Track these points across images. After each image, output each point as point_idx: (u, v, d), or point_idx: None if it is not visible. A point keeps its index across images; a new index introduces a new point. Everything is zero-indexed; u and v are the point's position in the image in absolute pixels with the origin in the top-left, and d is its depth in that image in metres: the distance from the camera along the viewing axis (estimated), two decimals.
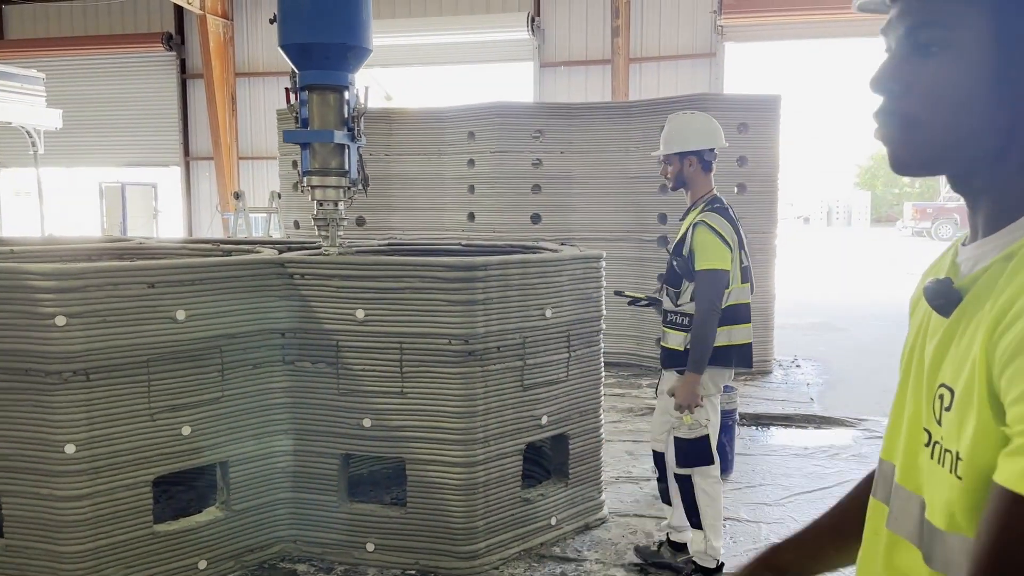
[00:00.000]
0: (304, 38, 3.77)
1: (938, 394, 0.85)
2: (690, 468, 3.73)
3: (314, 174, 3.97)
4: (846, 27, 14.40)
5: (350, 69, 3.91)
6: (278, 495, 3.94)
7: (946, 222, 33.71)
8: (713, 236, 3.58)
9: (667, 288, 3.81)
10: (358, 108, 3.98)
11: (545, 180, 8.80)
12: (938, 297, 0.89)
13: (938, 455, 0.84)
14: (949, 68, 0.84)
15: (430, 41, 15.71)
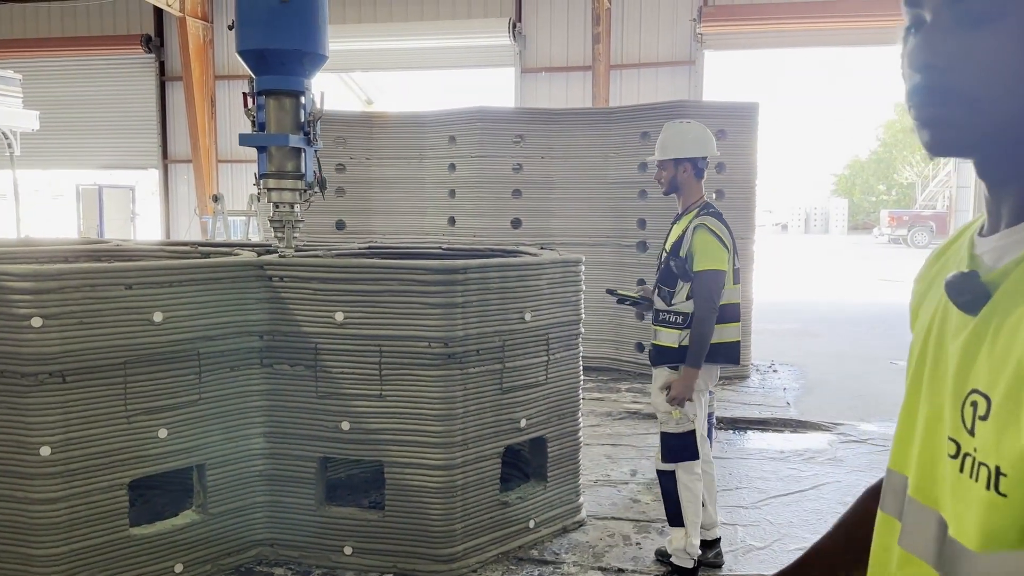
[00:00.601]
0: (260, 44, 3.85)
1: (969, 400, 0.77)
2: (675, 463, 3.81)
3: (270, 177, 4.04)
4: (824, 36, 14.59)
5: (306, 75, 3.99)
6: (255, 498, 3.93)
7: (922, 229, 34.15)
8: (713, 238, 3.73)
9: (660, 288, 3.90)
10: (314, 112, 4.05)
11: (526, 185, 8.83)
12: (963, 293, 0.81)
13: (970, 468, 0.75)
14: (1004, 39, 0.75)
15: (411, 45, 15.72)
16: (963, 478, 0.76)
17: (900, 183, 49.39)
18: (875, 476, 4.58)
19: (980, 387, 0.75)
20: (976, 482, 0.74)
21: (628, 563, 4.05)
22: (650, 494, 5.01)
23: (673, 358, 3.78)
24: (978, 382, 0.76)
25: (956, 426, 0.79)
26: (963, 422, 0.77)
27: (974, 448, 0.75)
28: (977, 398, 0.75)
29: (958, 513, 0.77)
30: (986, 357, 0.76)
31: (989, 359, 0.75)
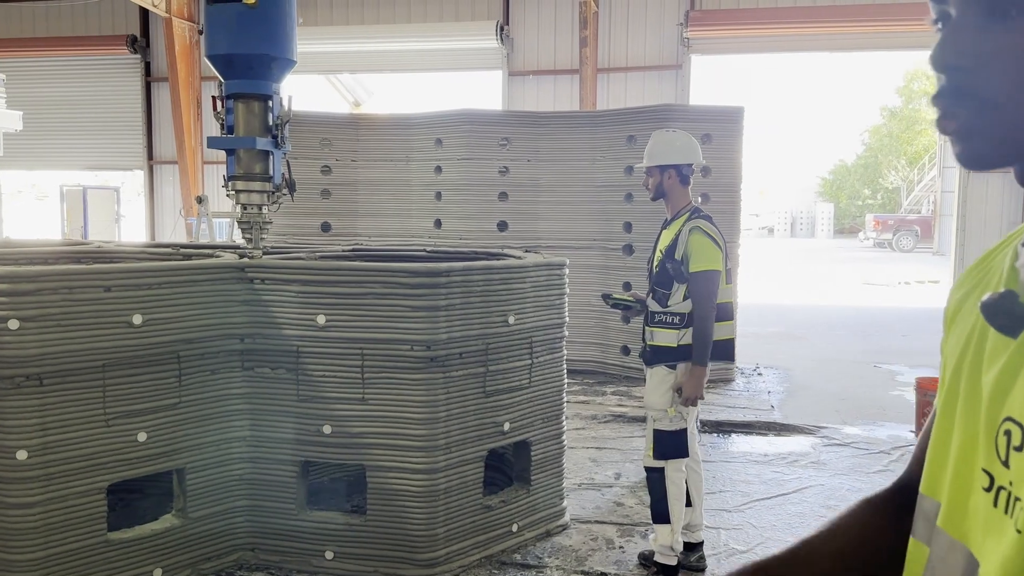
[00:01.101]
0: (228, 49, 3.91)
1: (1003, 429, 0.71)
2: (666, 460, 3.88)
3: (239, 179, 4.10)
4: (809, 41, 14.65)
5: (274, 79, 4.05)
6: (236, 503, 3.90)
7: (907, 234, 34.37)
8: (708, 240, 3.86)
9: (656, 290, 3.98)
10: (282, 115, 4.10)
11: (512, 188, 8.83)
12: (999, 314, 0.74)
13: (1005, 503, 0.69)
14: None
15: (399, 47, 15.68)
16: (997, 513, 0.70)
17: (885, 187, 49.72)
18: (857, 479, 4.59)
19: (1016, 416, 0.69)
20: (1011, 518, 0.68)
21: (611, 567, 4.05)
22: (634, 497, 5.01)
23: (672, 357, 3.88)
24: (1013, 410, 0.70)
25: (990, 456, 0.73)
26: (997, 452, 0.71)
27: (1009, 482, 0.69)
28: (1012, 427, 0.69)
29: (988, 551, 0.71)
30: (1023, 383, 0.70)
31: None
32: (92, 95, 17.57)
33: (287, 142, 4.18)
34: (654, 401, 3.91)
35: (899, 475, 1.10)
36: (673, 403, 3.85)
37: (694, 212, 4.00)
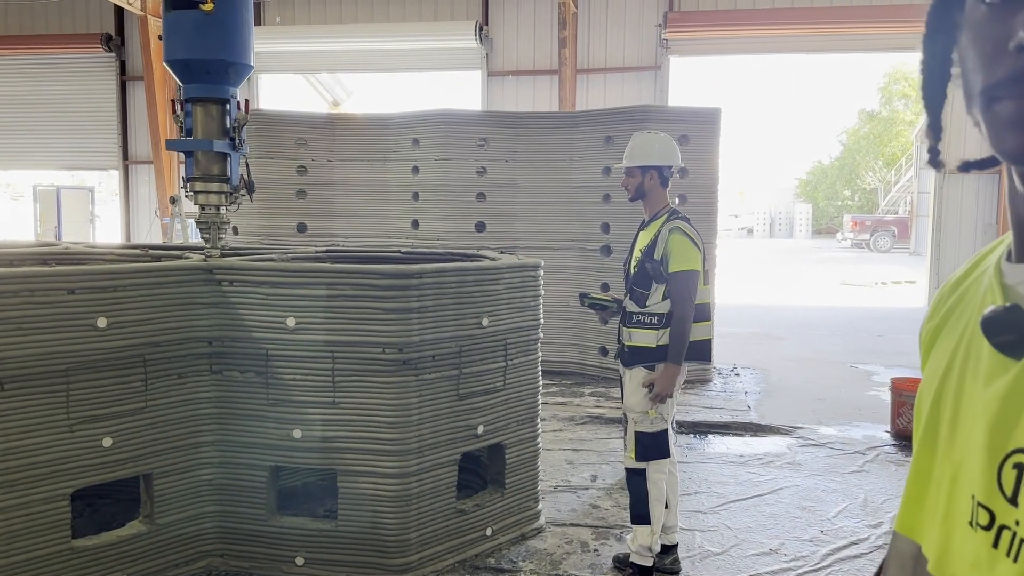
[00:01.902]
0: (186, 55, 4.02)
1: (1012, 463, 0.64)
2: (647, 461, 3.87)
3: (197, 180, 4.20)
4: (787, 43, 14.73)
5: (231, 83, 4.16)
6: (204, 508, 3.83)
7: (884, 234, 34.70)
8: (687, 240, 3.88)
9: (634, 290, 3.97)
10: (239, 118, 4.20)
11: (490, 188, 8.79)
12: (1003, 331, 0.67)
13: (1008, 545, 0.63)
14: None
15: (378, 47, 15.60)
16: (997, 555, 0.64)
17: (863, 188, 50.17)
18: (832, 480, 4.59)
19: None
20: (1015, 563, 0.62)
21: (585, 570, 4.02)
22: (610, 499, 4.99)
23: (651, 357, 3.88)
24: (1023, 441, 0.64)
25: (990, 492, 0.66)
26: (1000, 487, 0.65)
27: (1016, 521, 0.62)
28: (1023, 459, 0.63)
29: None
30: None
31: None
32: (66, 94, 17.34)
33: (245, 144, 4.26)
34: (634, 403, 3.89)
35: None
36: (653, 404, 3.84)
37: (672, 213, 4.01)
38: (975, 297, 0.78)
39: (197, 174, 4.19)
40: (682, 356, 3.83)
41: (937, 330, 0.84)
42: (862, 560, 4.18)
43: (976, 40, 0.68)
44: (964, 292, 0.82)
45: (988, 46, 0.66)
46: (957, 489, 0.72)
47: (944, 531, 0.73)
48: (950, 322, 0.83)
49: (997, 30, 0.65)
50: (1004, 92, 0.64)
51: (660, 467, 3.90)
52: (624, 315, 4.03)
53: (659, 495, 3.88)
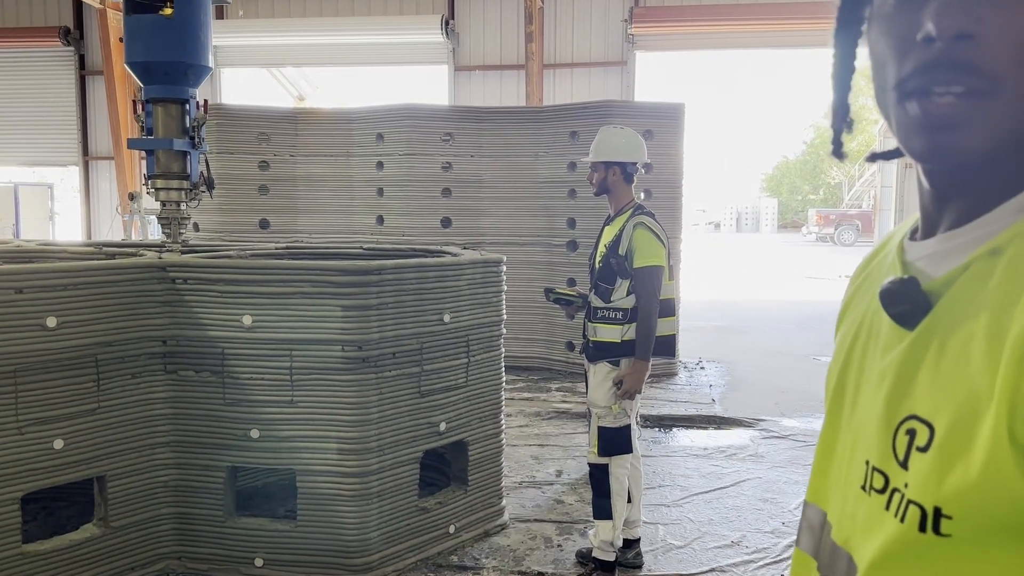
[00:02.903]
0: (146, 57, 4.15)
1: (905, 428, 0.67)
2: (610, 456, 3.87)
3: (158, 177, 4.34)
4: (753, 38, 14.85)
5: (190, 84, 4.31)
6: (161, 510, 3.77)
7: (848, 228, 35.19)
8: (652, 236, 3.88)
9: (599, 285, 3.97)
10: (199, 118, 4.35)
11: (455, 184, 8.75)
12: (901, 302, 0.70)
13: (896, 506, 0.66)
14: None
15: (343, 41, 15.46)
16: (887, 516, 0.67)
17: (827, 183, 50.82)
18: (794, 472, 4.65)
19: (920, 413, 0.66)
20: (902, 523, 0.64)
21: (549, 566, 4.02)
22: (574, 495, 4.99)
23: (616, 353, 3.88)
24: (917, 407, 0.66)
25: (884, 456, 0.69)
26: (894, 452, 0.67)
27: (905, 484, 0.65)
28: (916, 425, 0.65)
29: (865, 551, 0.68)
30: (928, 379, 0.66)
31: (932, 382, 0.66)
32: (24, 88, 16.96)
33: (204, 142, 4.40)
34: (598, 398, 3.90)
35: None
36: (617, 399, 3.84)
37: (637, 209, 4.02)
38: (880, 274, 0.81)
39: (158, 172, 4.32)
40: (649, 352, 3.83)
41: (847, 304, 0.89)
42: None
43: (886, 33, 0.69)
44: (872, 270, 0.86)
45: (898, 39, 0.67)
46: (859, 459, 0.74)
47: (844, 497, 0.76)
48: (856, 298, 0.87)
49: (906, 22, 0.66)
50: (913, 86, 0.66)
51: (622, 462, 3.90)
52: (589, 310, 4.03)
53: (621, 490, 3.89)
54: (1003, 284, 0.62)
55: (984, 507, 0.60)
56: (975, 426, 0.60)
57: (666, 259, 3.95)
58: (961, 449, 0.61)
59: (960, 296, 0.66)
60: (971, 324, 0.64)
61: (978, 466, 0.59)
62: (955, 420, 0.62)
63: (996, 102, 0.63)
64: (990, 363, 0.60)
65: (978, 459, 0.60)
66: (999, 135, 0.65)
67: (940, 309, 0.68)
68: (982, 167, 0.67)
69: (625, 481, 3.92)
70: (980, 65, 0.63)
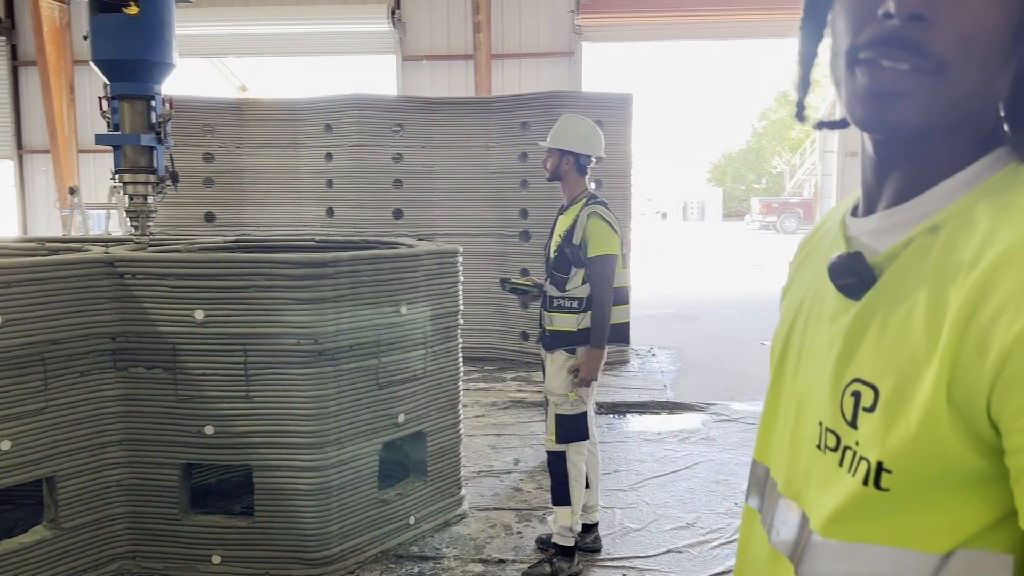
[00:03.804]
0: (113, 55, 4.23)
1: (850, 391, 0.72)
2: (568, 444, 3.91)
3: (126, 172, 4.46)
4: (699, 29, 15.04)
5: (155, 81, 4.38)
6: (114, 510, 3.69)
7: (790, 216, 35.91)
8: (606, 225, 3.92)
9: (553, 275, 3.99)
10: (164, 114, 4.45)
11: (406, 175, 8.70)
12: (847, 275, 0.75)
13: (849, 462, 0.71)
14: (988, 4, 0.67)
15: (287, 30, 15.19)
16: (841, 472, 0.72)
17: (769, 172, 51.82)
18: (745, 454, 4.74)
19: (865, 377, 0.71)
20: (853, 476, 0.70)
21: (509, 553, 4.05)
22: (532, 482, 5.04)
23: (571, 341, 3.91)
24: (862, 371, 0.71)
25: (835, 417, 0.74)
26: (842, 413, 0.73)
27: (856, 441, 0.70)
28: (861, 388, 0.71)
29: (820, 504, 0.73)
30: (872, 346, 0.71)
31: (876, 348, 0.71)
32: None
33: (169, 138, 4.52)
34: (555, 386, 3.93)
35: None
36: (573, 387, 3.88)
37: (591, 198, 4.05)
38: (823, 249, 0.86)
39: (125, 166, 4.43)
40: (605, 340, 3.88)
41: (791, 279, 0.95)
42: None
43: (848, 5, 0.74)
44: (816, 244, 0.91)
45: (859, 11, 0.72)
46: (802, 418, 0.80)
47: (791, 455, 0.82)
48: (799, 273, 0.93)
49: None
50: (864, 56, 0.71)
51: (580, 449, 3.95)
52: (545, 299, 4.06)
53: (579, 476, 3.93)
54: (941, 259, 0.68)
55: (919, 461, 0.65)
56: (915, 387, 0.66)
57: (620, 248, 4.00)
58: (902, 408, 0.67)
59: (902, 270, 0.71)
60: (913, 296, 0.69)
61: (916, 422, 0.65)
62: (897, 382, 0.67)
63: (938, 83, 0.68)
64: (930, 332, 0.66)
65: (916, 416, 0.65)
66: (935, 113, 0.69)
67: (884, 282, 0.73)
68: (918, 143, 0.72)
69: (583, 467, 3.96)
70: (928, 47, 0.68)
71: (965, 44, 0.67)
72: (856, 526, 0.70)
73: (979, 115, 0.72)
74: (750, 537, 0.90)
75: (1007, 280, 0.61)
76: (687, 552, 4.08)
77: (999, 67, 0.69)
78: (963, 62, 0.68)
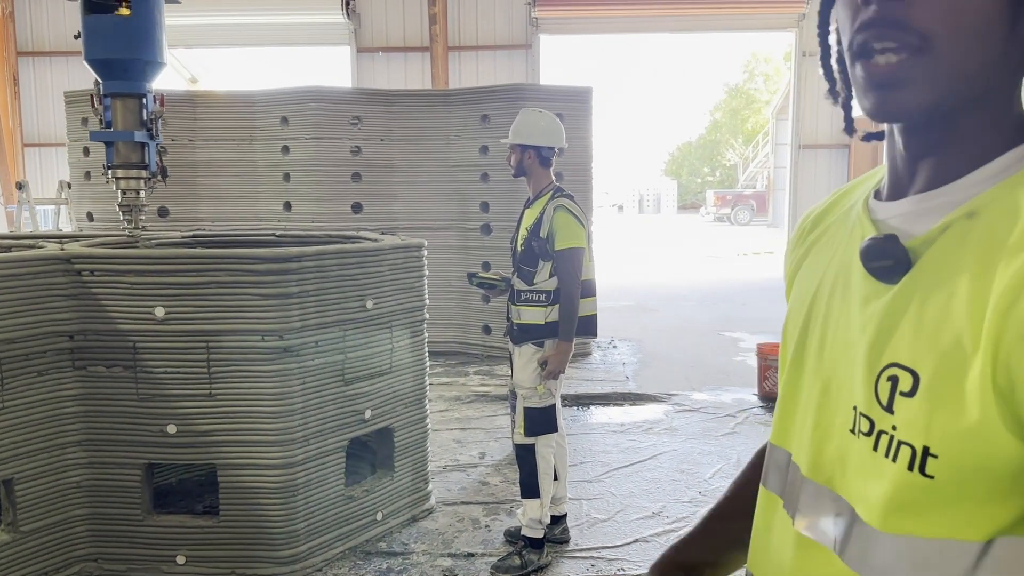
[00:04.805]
0: (106, 54, 4.35)
1: (887, 375, 0.71)
2: (536, 436, 3.92)
3: (119, 167, 4.56)
4: (656, 22, 15.15)
5: (147, 79, 4.50)
6: (74, 511, 3.60)
7: (743, 208, 36.49)
8: (572, 218, 3.92)
9: (521, 268, 3.99)
10: (155, 111, 4.56)
11: (365, 168, 8.62)
12: (882, 258, 0.74)
13: (886, 447, 0.70)
14: None
15: (239, 21, 14.93)
16: (877, 456, 0.71)
17: (723, 164, 52.52)
18: (707, 443, 4.80)
19: (903, 361, 0.70)
20: (894, 462, 0.69)
21: (478, 547, 4.05)
22: (499, 476, 5.04)
23: (540, 334, 3.92)
24: (899, 356, 0.70)
25: (868, 402, 0.73)
26: (877, 398, 0.72)
27: (892, 426, 0.70)
28: (899, 372, 0.70)
29: (867, 494, 0.72)
30: (911, 330, 0.70)
31: (915, 333, 0.69)
32: None
33: (160, 134, 4.64)
34: (523, 379, 3.94)
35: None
36: (542, 380, 3.89)
37: (557, 191, 4.07)
38: (842, 231, 0.85)
39: (118, 162, 4.55)
40: (572, 333, 3.89)
41: (800, 260, 0.93)
42: None
43: (841, 4, 0.76)
44: (828, 227, 0.90)
45: (849, 6, 0.73)
46: (830, 401, 0.79)
47: (816, 439, 0.80)
48: (812, 254, 0.91)
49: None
50: (857, 46, 0.72)
51: (548, 441, 3.97)
52: (512, 293, 4.07)
53: (548, 468, 3.95)
54: (982, 245, 0.67)
55: (966, 449, 0.65)
56: (962, 374, 0.65)
57: (587, 240, 4.02)
58: (948, 395, 0.66)
59: (940, 255, 0.70)
60: (953, 281, 0.68)
61: (963, 409, 0.64)
62: (940, 367, 0.67)
63: (928, 58, 0.68)
64: (973, 318, 0.65)
65: (963, 402, 0.64)
66: (938, 91, 0.70)
67: (921, 266, 0.71)
68: (937, 127, 0.73)
69: (551, 460, 3.98)
70: (910, 22, 0.68)
71: (950, 16, 0.67)
72: (909, 519, 0.69)
73: (997, 95, 0.72)
74: (770, 522, 0.88)
75: None
76: (654, 541, 4.13)
77: (1001, 40, 0.69)
78: (950, 34, 0.68)
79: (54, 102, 14.26)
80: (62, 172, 12.99)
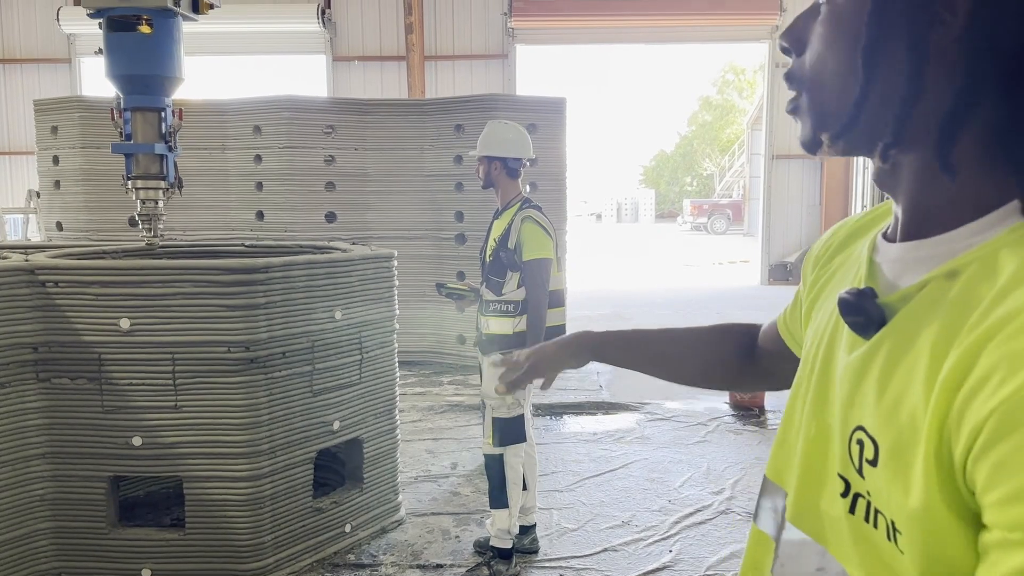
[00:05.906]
0: (128, 71, 4.55)
1: (855, 438, 0.68)
2: (505, 447, 3.93)
3: (138, 178, 4.72)
4: (632, 33, 15.25)
5: (167, 94, 4.70)
6: (38, 525, 3.56)
7: (720, 217, 36.77)
8: (540, 229, 3.97)
9: (490, 279, 4.03)
10: (174, 125, 4.73)
11: (339, 177, 8.61)
12: (856, 312, 0.70)
13: (864, 512, 0.67)
14: (826, 27, 0.72)
15: (212, 29, 14.79)
16: (856, 520, 0.68)
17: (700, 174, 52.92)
18: (678, 451, 4.82)
19: (867, 427, 0.66)
20: (876, 529, 0.66)
21: (447, 558, 4.05)
22: (470, 486, 5.04)
23: (508, 345, 3.94)
24: (864, 420, 0.67)
25: (844, 462, 0.70)
26: (851, 459, 0.69)
27: (867, 491, 0.67)
28: (864, 438, 0.67)
29: (858, 560, 0.68)
30: (874, 395, 0.66)
31: (878, 399, 0.66)
32: None
33: (178, 147, 4.80)
34: (491, 390, 3.94)
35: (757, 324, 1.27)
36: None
37: (525, 202, 4.10)
38: (853, 267, 0.82)
39: (138, 173, 4.70)
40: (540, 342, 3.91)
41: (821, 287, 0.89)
42: (707, 526, 4.44)
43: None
44: (848, 255, 0.87)
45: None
46: (821, 452, 0.75)
47: (810, 491, 0.77)
48: (832, 282, 0.87)
49: None
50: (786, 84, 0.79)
51: (517, 451, 3.98)
52: (481, 303, 4.08)
53: (516, 479, 3.96)
54: (953, 312, 0.62)
55: (922, 533, 0.60)
56: (913, 451, 0.61)
57: (554, 251, 4.05)
58: (901, 471, 0.62)
59: (913, 316, 0.66)
60: (918, 348, 0.64)
61: (912, 491, 0.60)
62: (897, 441, 0.63)
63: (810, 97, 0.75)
64: (927, 390, 0.61)
65: (912, 484, 0.60)
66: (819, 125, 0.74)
67: (894, 325, 0.68)
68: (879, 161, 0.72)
69: (520, 469, 3.99)
70: (795, 72, 0.77)
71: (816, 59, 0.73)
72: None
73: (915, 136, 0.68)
74: (760, 564, 0.85)
75: (1000, 347, 0.56)
76: (622, 550, 4.15)
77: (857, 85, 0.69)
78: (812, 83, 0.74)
79: (24, 110, 14.09)
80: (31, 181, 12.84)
